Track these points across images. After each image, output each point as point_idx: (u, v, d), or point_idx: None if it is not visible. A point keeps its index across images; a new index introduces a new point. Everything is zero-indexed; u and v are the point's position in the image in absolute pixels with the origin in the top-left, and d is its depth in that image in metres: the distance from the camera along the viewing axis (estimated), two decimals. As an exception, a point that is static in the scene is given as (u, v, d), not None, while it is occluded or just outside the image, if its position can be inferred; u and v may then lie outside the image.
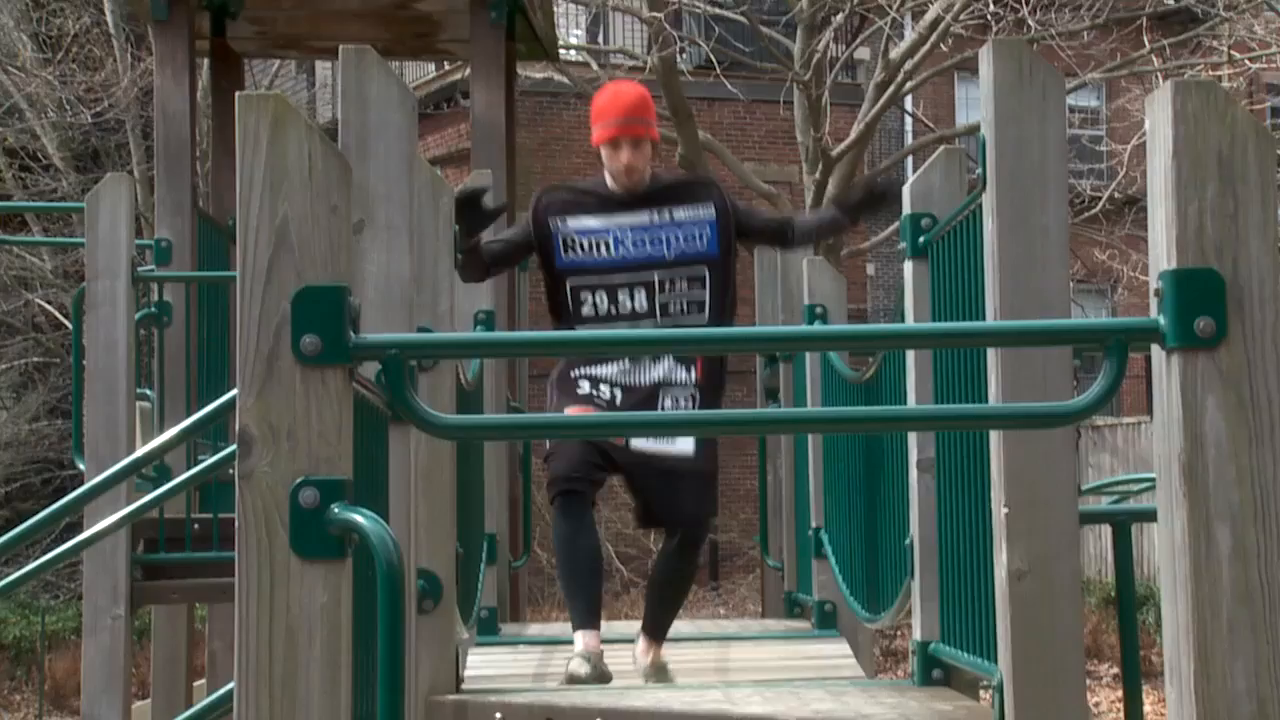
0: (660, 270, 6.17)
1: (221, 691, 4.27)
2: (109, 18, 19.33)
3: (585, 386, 6.10)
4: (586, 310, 6.18)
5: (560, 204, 6.39)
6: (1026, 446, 4.02)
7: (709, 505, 6.31)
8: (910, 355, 5.15)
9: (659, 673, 6.10)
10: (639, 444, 5.97)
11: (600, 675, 5.65)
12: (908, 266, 5.25)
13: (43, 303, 18.02)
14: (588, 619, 5.90)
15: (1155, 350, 3.01)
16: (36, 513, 6.01)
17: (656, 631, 6.17)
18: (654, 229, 6.23)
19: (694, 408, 6.08)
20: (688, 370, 6.12)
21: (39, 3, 20.02)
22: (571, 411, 5.93)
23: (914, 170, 5.92)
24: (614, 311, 6.16)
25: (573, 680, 5.57)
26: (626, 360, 6.04)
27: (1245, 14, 22.54)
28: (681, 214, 6.27)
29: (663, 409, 6.00)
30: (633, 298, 6.14)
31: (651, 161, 6.47)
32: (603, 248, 6.23)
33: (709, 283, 6.23)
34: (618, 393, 6.09)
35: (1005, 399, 4.07)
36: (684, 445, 5.95)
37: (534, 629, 7.66)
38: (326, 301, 2.92)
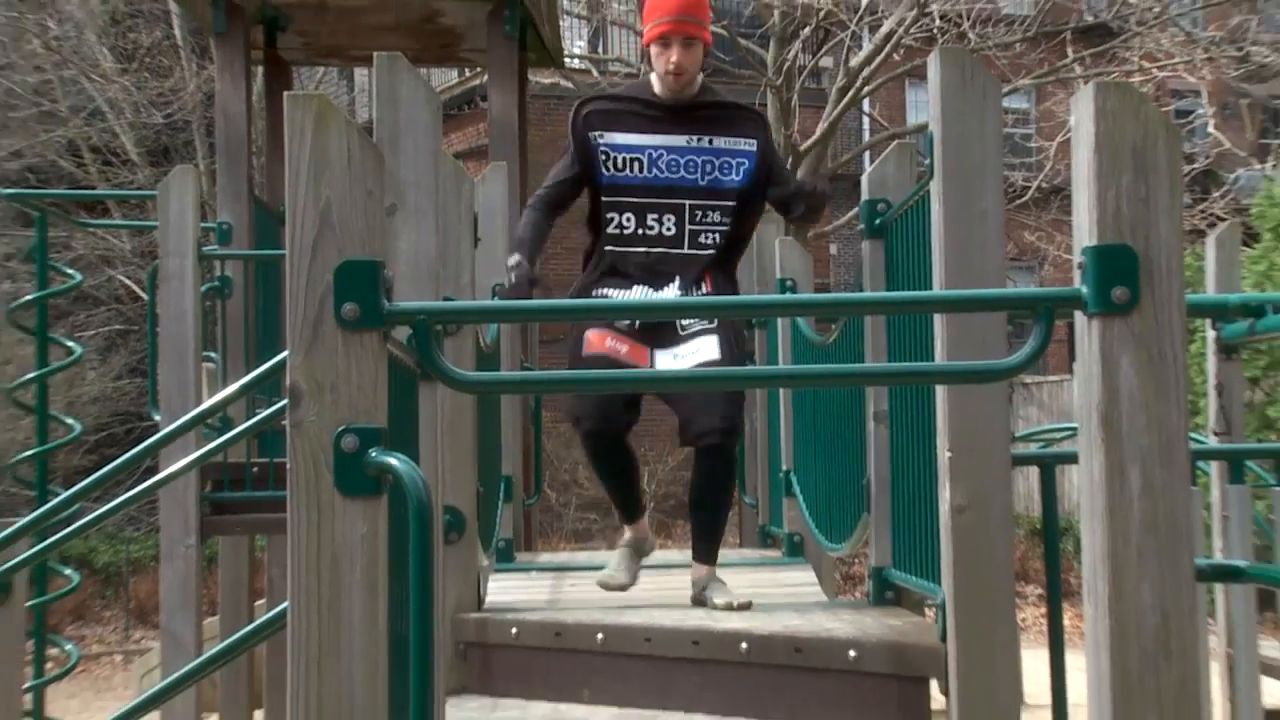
0: (691, 197, 5.42)
1: (277, 610, 4.29)
2: (177, 31, 19.28)
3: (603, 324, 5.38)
4: (613, 228, 5.48)
5: (600, 116, 5.55)
6: (967, 399, 4.05)
7: (737, 411, 5.45)
8: (868, 321, 5.17)
9: (718, 586, 5.31)
10: (664, 361, 5.33)
11: (634, 578, 5.53)
12: (866, 245, 5.27)
13: (123, 278, 17.99)
14: (631, 516, 5.69)
15: (1078, 316, 3.02)
16: (120, 457, 6.04)
17: (708, 555, 5.45)
18: (691, 152, 5.43)
19: (710, 323, 5.35)
20: (701, 289, 5.44)
21: (116, 19, 19.96)
22: (591, 333, 5.34)
23: (871, 163, 5.92)
24: (641, 233, 5.44)
25: (611, 586, 5.42)
26: (643, 286, 5.43)
27: (1154, 29, 22.82)
28: (722, 142, 5.45)
29: (681, 328, 5.37)
30: (661, 221, 5.41)
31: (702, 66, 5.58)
32: (637, 166, 5.45)
33: (734, 216, 5.48)
34: (639, 320, 5.40)
35: (949, 358, 4.10)
36: (708, 352, 5.26)
37: (544, 557, 7.67)
38: (364, 274, 2.94)
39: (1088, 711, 3.08)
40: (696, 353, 5.29)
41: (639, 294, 5.43)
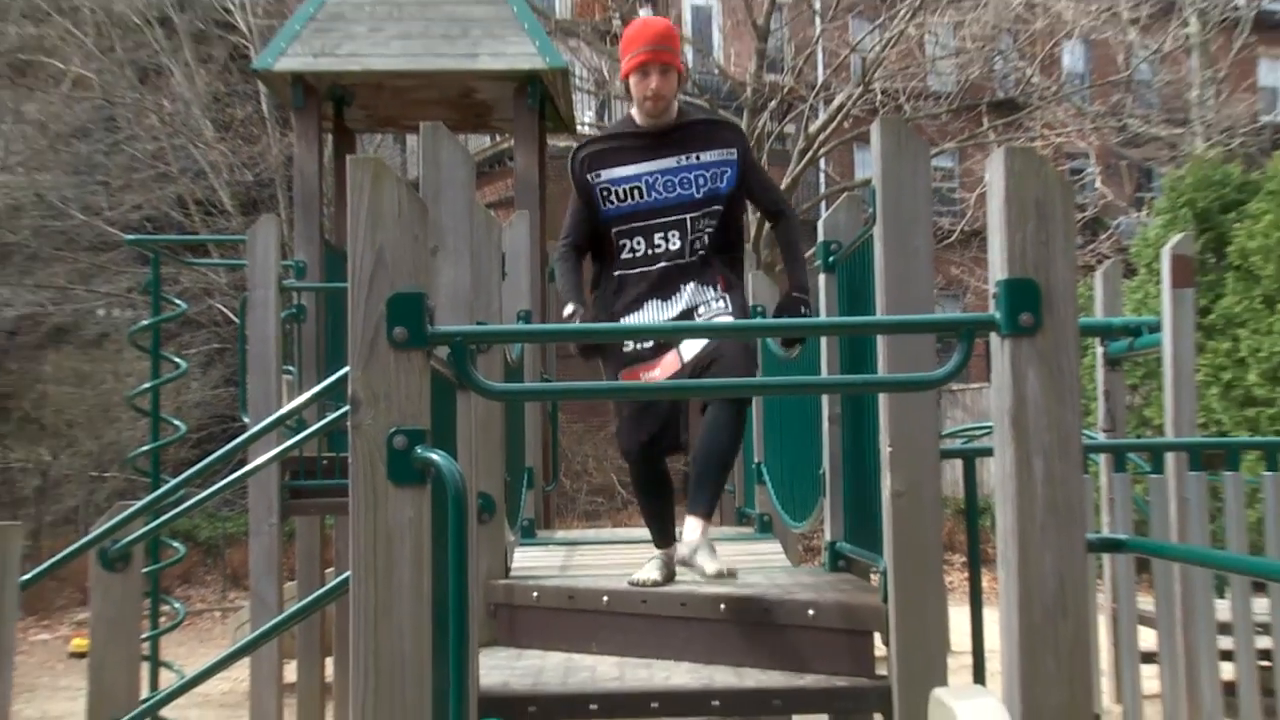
0: (691, 211, 4.97)
1: (341, 577, 4.28)
2: (264, 107, 19.30)
3: (628, 344, 4.96)
4: (625, 254, 5.03)
5: (594, 157, 5.14)
6: (903, 404, 4.04)
7: (751, 365, 4.98)
8: (824, 341, 5.17)
9: (709, 553, 4.70)
10: (688, 354, 4.87)
11: (670, 575, 4.90)
12: (822, 278, 5.26)
13: (220, 306, 17.97)
14: (664, 540, 5.04)
15: (993, 336, 3.04)
16: (217, 452, 6.05)
17: (706, 507, 4.82)
18: (682, 170, 4.99)
19: (727, 307, 4.95)
20: (715, 289, 4.99)
21: (217, 98, 20.04)
22: (623, 373, 4.94)
23: (825, 210, 5.91)
24: (650, 253, 4.99)
25: (644, 582, 4.79)
26: (657, 302, 4.96)
27: (1051, 104, 22.99)
28: (707, 156, 5.01)
29: (698, 315, 4.95)
30: (667, 239, 4.95)
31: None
32: (637, 194, 5.01)
33: (723, 218, 5.05)
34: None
35: (889, 371, 4.09)
36: (722, 320, 4.90)
37: (560, 534, 7.65)
38: (411, 304, 2.94)
39: (1001, 656, 3.08)
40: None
41: (650, 310, 5.00)
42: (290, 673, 7.96)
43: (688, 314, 4.94)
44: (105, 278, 19.70)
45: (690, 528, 4.74)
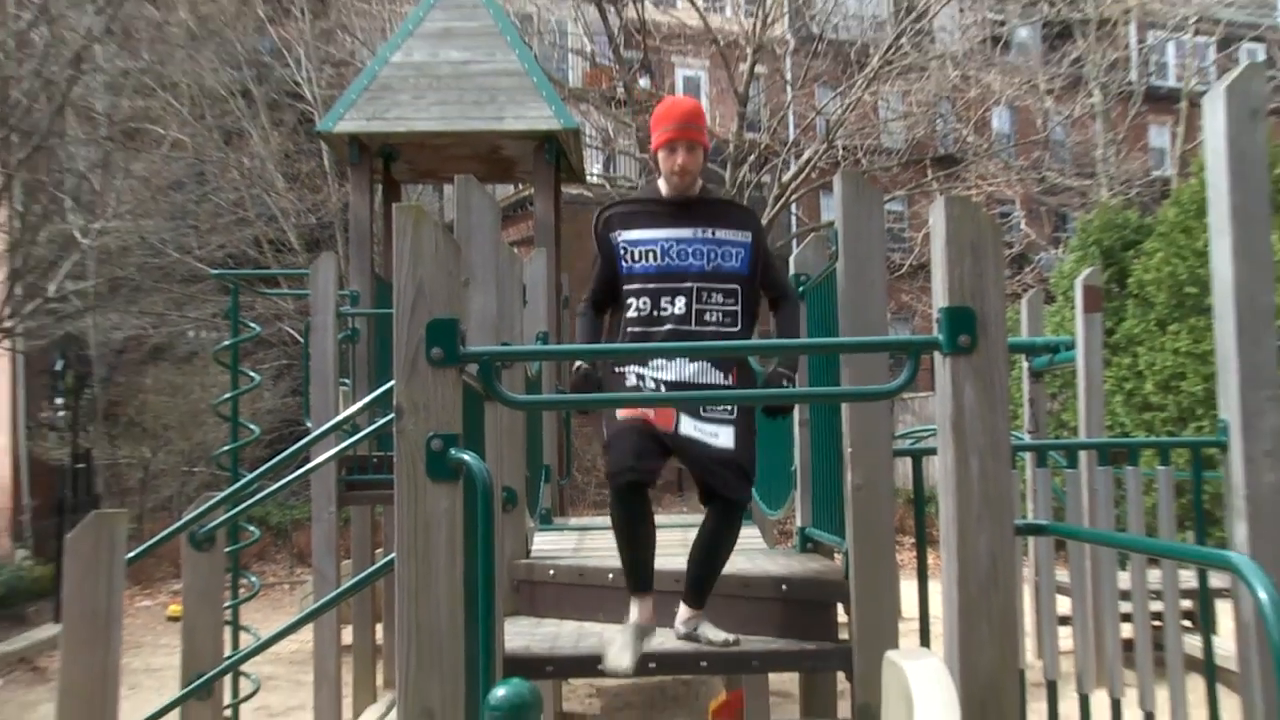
0: (698, 280, 4.38)
1: (388, 558, 4.26)
2: (326, 161, 19.45)
3: (631, 381, 4.41)
4: (632, 312, 4.45)
5: (618, 218, 4.57)
6: (861, 411, 4.02)
7: (745, 488, 4.33)
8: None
9: (710, 624, 4.33)
10: (686, 430, 4.25)
11: (640, 653, 4.08)
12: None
13: (288, 329, 18.02)
14: (642, 587, 4.26)
15: (937, 355, 3.02)
16: (285, 451, 6.04)
17: (698, 600, 4.32)
18: (696, 242, 4.42)
19: (730, 411, 4.34)
20: (725, 375, 4.41)
21: (287, 155, 20.23)
22: (621, 410, 4.34)
23: (796, 247, 5.90)
24: (656, 314, 4.40)
25: (617, 673, 4.02)
26: (660, 360, 4.40)
27: (983, 159, 23.23)
28: (722, 233, 4.45)
29: (703, 408, 4.33)
30: (673, 303, 4.36)
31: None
32: (651, 256, 4.46)
33: (740, 298, 4.44)
34: (662, 386, 4.37)
35: (850, 384, 4.07)
36: (725, 440, 4.23)
37: (573, 521, 7.61)
38: (446, 329, 2.93)
39: (943, 623, 3.06)
40: (716, 436, 4.27)
41: (652, 366, 4.39)
42: (347, 636, 7.94)
43: (687, 384, 4.34)
44: (194, 305, 19.80)
45: (684, 610, 4.35)
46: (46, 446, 19.28)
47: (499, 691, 2.62)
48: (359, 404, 6.41)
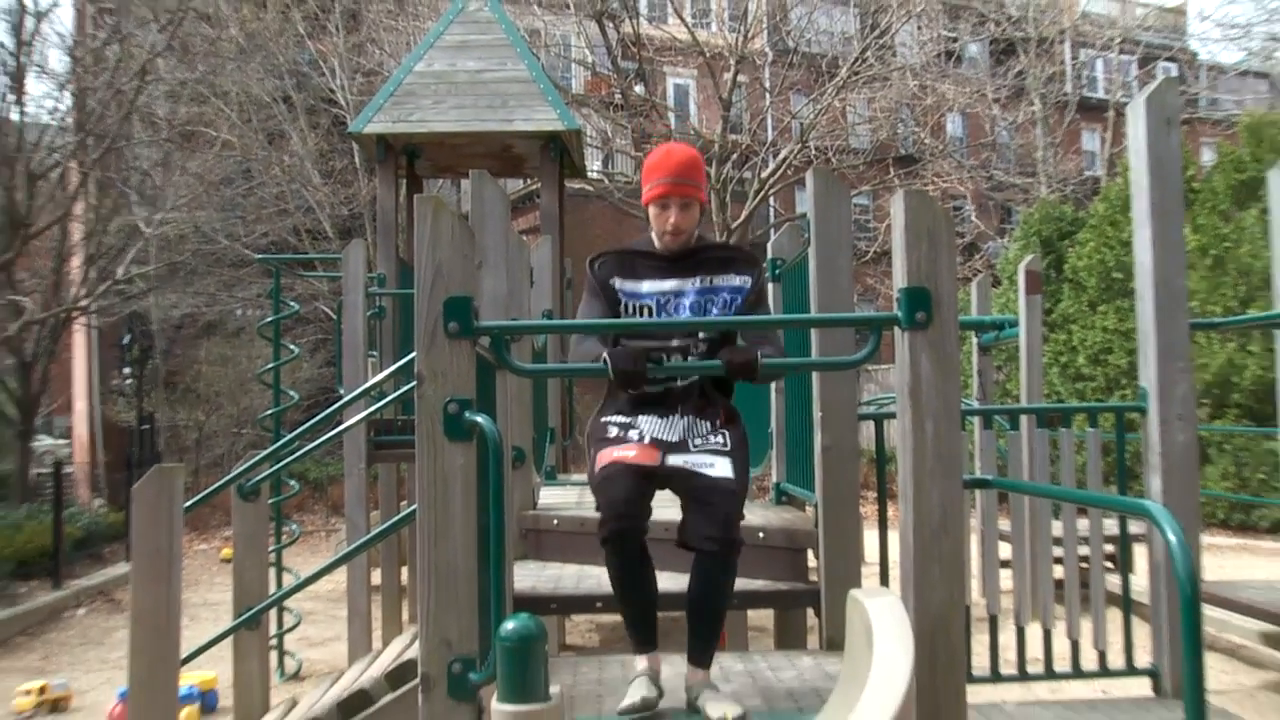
0: (689, 337, 3.56)
1: (411, 508, 4.26)
2: (356, 159, 19.38)
3: (614, 432, 3.49)
4: None
5: (613, 264, 3.63)
6: (830, 380, 4.00)
7: (736, 520, 3.33)
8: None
9: (712, 697, 3.22)
10: (674, 463, 3.37)
11: (658, 694, 3.24)
12: (770, 287, 5.22)
13: (323, 307, 17.99)
14: (645, 646, 3.35)
15: (897, 330, 3.00)
16: (320, 414, 6.02)
17: (703, 659, 3.32)
18: (695, 294, 3.58)
19: (725, 445, 3.45)
20: (714, 422, 3.53)
21: (322, 154, 20.11)
22: (602, 453, 3.42)
23: (774, 235, 5.85)
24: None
25: (635, 707, 3.16)
26: (654, 418, 3.49)
27: (938, 159, 23.40)
28: (720, 280, 3.57)
29: (693, 445, 3.43)
30: (669, 358, 3.47)
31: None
32: (646, 312, 3.58)
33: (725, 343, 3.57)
34: (646, 437, 3.44)
35: (820, 354, 4.06)
36: (723, 470, 3.36)
37: (575, 477, 7.60)
38: (462, 305, 2.91)
39: (899, 565, 3.05)
40: (712, 467, 3.38)
41: (646, 421, 3.50)
42: (376, 577, 7.94)
43: (681, 444, 3.45)
44: (241, 286, 19.92)
45: (692, 673, 3.32)
46: (117, 410, 19.46)
47: (509, 625, 2.62)
48: (385, 372, 6.40)
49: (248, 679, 5.64)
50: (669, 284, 3.60)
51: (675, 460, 3.40)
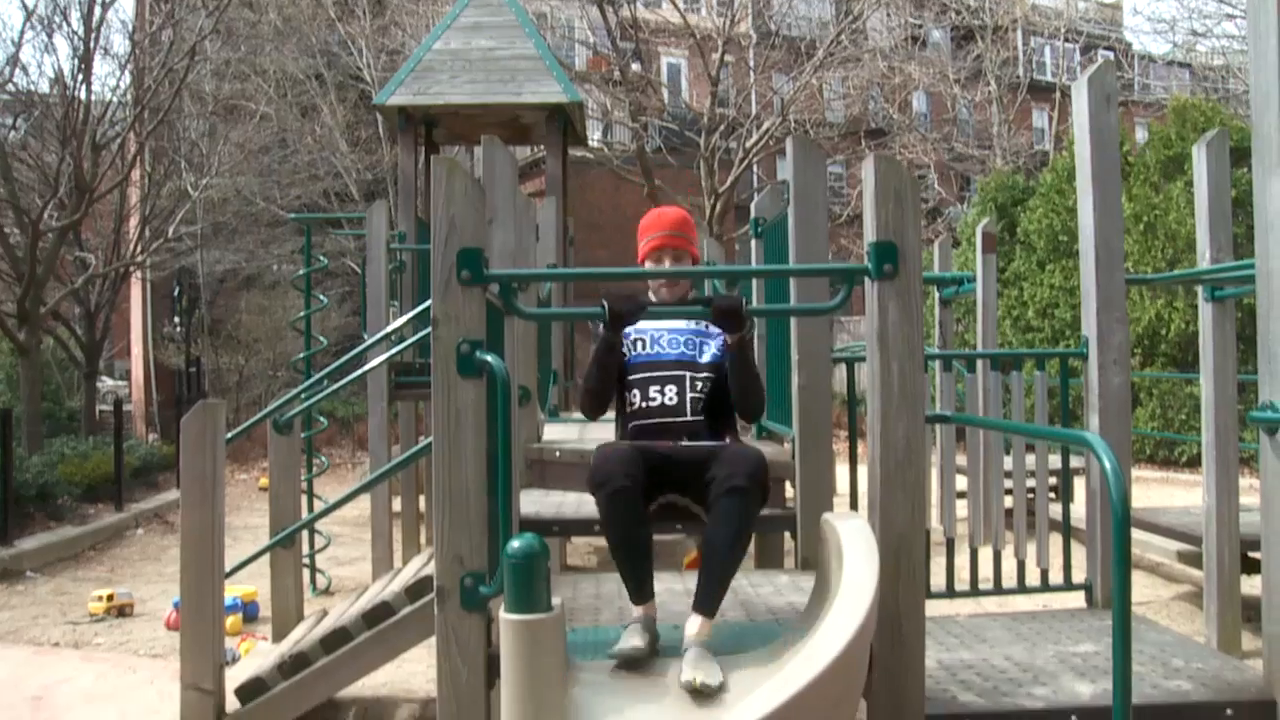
0: (691, 370, 3.34)
1: (427, 441, 4.22)
2: (380, 129, 19.22)
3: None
4: (628, 406, 3.39)
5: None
6: (807, 326, 3.96)
7: (762, 472, 2.95)
8: (754, 282, 5.07)
9: (696, 659, 2.70)
10: (686, 446, 3.20)
11: (654, 638, 2.90)
12: (753, 243, 5.15)
13: (350, 262, 17.97)
14: (641, 597, 2.97)
15: (867, 281, 2.95)
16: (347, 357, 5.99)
17: (708, 606, 2.88)
18: (689, 334, 3.42)
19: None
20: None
21: (350, 125, 20.13)
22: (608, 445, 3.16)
23: (756, 198, 5.82)
24: (647, 406, 3.34)
25: (626, 652, 2.82)
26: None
27: (904, 132, 23.79)
28: (714, 330, 3.37)
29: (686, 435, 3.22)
30: (664, 393, 3.31)
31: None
32: (641, 345, 3.43)
33: (721, 381, 3.35)
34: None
35: (798, 302, 4.02)
36: (738, 448, 3.12)
37: (575, 415, 7.57)
38: (473, 256, 2.85)
39: (867, 492, 3.03)
40: (726, 445, 3.17)
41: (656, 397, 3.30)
42: (397, 505, 7.93)
43: (681, 461, 3.18)
44: (277, 244, 20.00)
45: (691, 623, 2.86)
46: (167, 355, 19.52)
47: (515, 543, 2.59)
48: (404, 318, 6.35)
49: (284, 592, 5.64)
50: (667, 323, 3.45)
51: (685, 445, 3.19)
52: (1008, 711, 3.07)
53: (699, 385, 3.35)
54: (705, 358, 3.40)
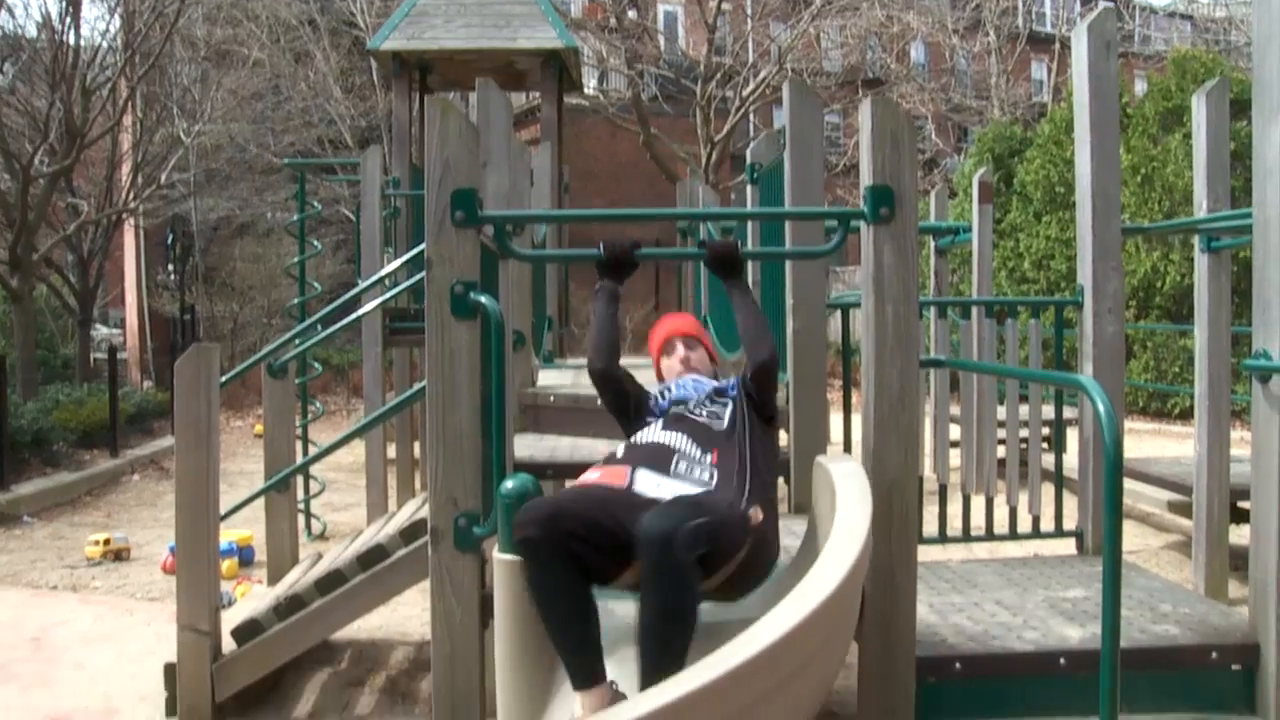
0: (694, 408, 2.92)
1: (419, 385, 4.22)
2: (374, 75, 19.07)
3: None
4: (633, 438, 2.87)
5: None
6: (802, 270, 3.95)
7: (696, 541, 2.19)
8: (749, 225, 5.04)
9: None
10: (642, 488, 2.55)
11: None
12: (749, 189, 5.12)
13: (344, 210, 17.88)
14: (582, 681, 2.32)
15: (863, 225, 2.93)
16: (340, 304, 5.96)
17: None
18: (705, 396, 2.97)
19: (712, 479, 2.61)
20: (702, 451, 2.71)
21: (344, 71, 20.00)
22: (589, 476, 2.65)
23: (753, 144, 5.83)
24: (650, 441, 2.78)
25: None
26: (647, 469, 2.61)
27: (902, 82, 23.65)
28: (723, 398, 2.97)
29: (676, 470, 2.62)
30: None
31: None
32: (654, 402, 3.02)
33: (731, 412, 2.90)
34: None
35: (794, 245, 4.00)
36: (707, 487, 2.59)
37: (570, 361, 7.55)
38: (468, 197, 2.84)
39: (860, 434, 3.03)
40: (690, 494, 2.51)
41: (643, 475, 2.60)
42: (391, 451, 7.94)
43: (664, 465, 2.67)
44: (271, 192, 19.96)
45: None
46: (161, 303, 19.49)
47: (509, 483, 2.59)
48: (398, 261, 6.31)
49: (279, 537, 5.66)
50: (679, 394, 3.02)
51: (643, 485, 2.56)
52: (997, 654, 3.10)
53: (705, 412, 2.91)
54: (706, 397, 2.99)
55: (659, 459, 2.69)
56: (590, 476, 2.67)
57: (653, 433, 2.85)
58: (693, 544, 2.20)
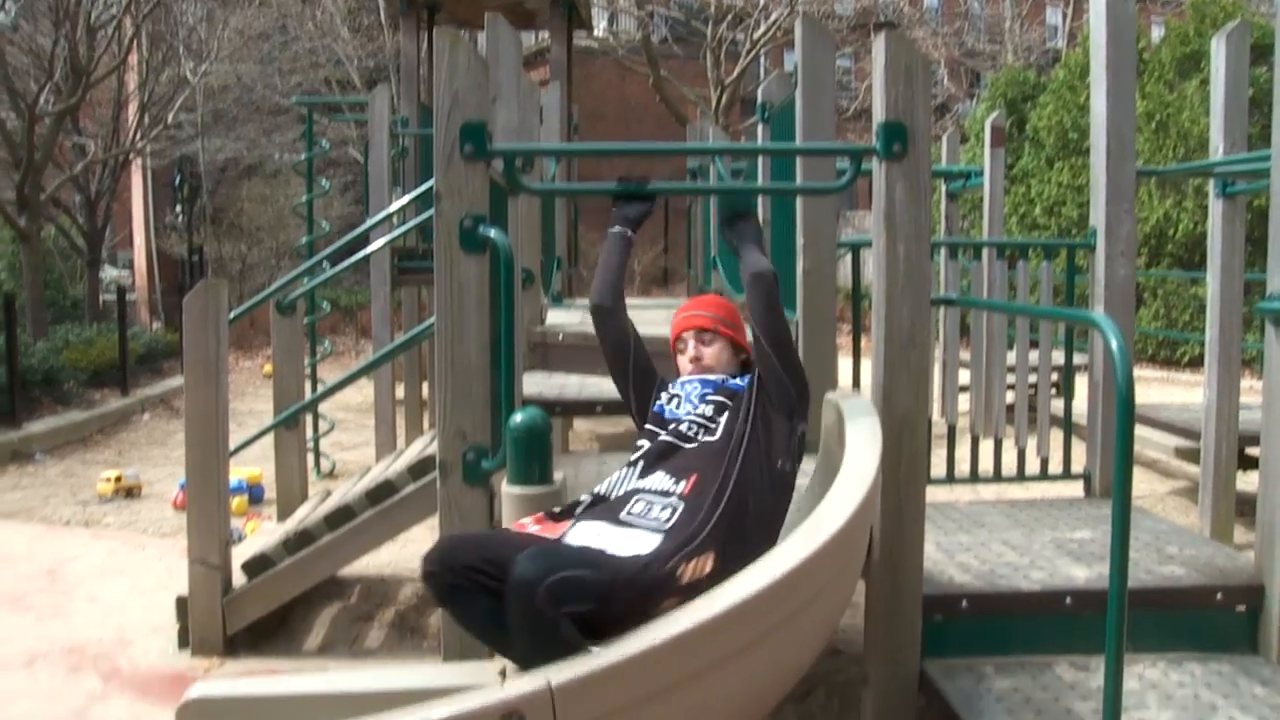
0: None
1: (427, 323, 4.20)
2: (382, 15, 18.88)
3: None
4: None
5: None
6: (813, 207, 3.91)
7: (575, 580, 1.92)
8: (760, 161, 4.98)
9: None
10: (577, 539, 2.23)
11: None
12: (760, 127, 5.05)
13: (352, 151, 17.79)
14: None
15: (875, 161, 2.88)
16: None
17: None
18: (710, 390, 2.69)
19: (671, 518, 2.25)
20: (675, 481, 2.39)
21: (351, 11, 19.76)
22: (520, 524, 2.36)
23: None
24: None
25: None
26: (630, 470, 2.50)
27: (915, 26, 23.56)
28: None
29: (629, 513, 2.30)
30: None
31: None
32: (667, 396, 2.74)
33: (734, 410, 2.60)
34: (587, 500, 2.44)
35: (805, 180, 3.96)
36: (640, 548, 2.15)
37: (579, 301, 7.51)
38: (477, 130, 2.80)
39: (871, 374, 3.01)
40: (625, 544, 2.18)
41: (581, 528, 2.28)
42: (400, 391, 7.94)
43: (627, 497, 2.40)
44: (279, 133, 19.77)
45: None
46: (170, 244, 19.44)
47: (518, 417, 2.59)
48: (406, 198, 6.26)
49: (288, 473, 5.69)
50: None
51: (579, 536, 2.25)
52: (1004, 593, 3.10)
53: (706, 417, 2.62)
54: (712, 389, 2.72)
55: (614, 504, 2.38)
56: (527, 525, 2.35)
57: (626, 477, 2.49)
58: (559, 598, 1.91)
